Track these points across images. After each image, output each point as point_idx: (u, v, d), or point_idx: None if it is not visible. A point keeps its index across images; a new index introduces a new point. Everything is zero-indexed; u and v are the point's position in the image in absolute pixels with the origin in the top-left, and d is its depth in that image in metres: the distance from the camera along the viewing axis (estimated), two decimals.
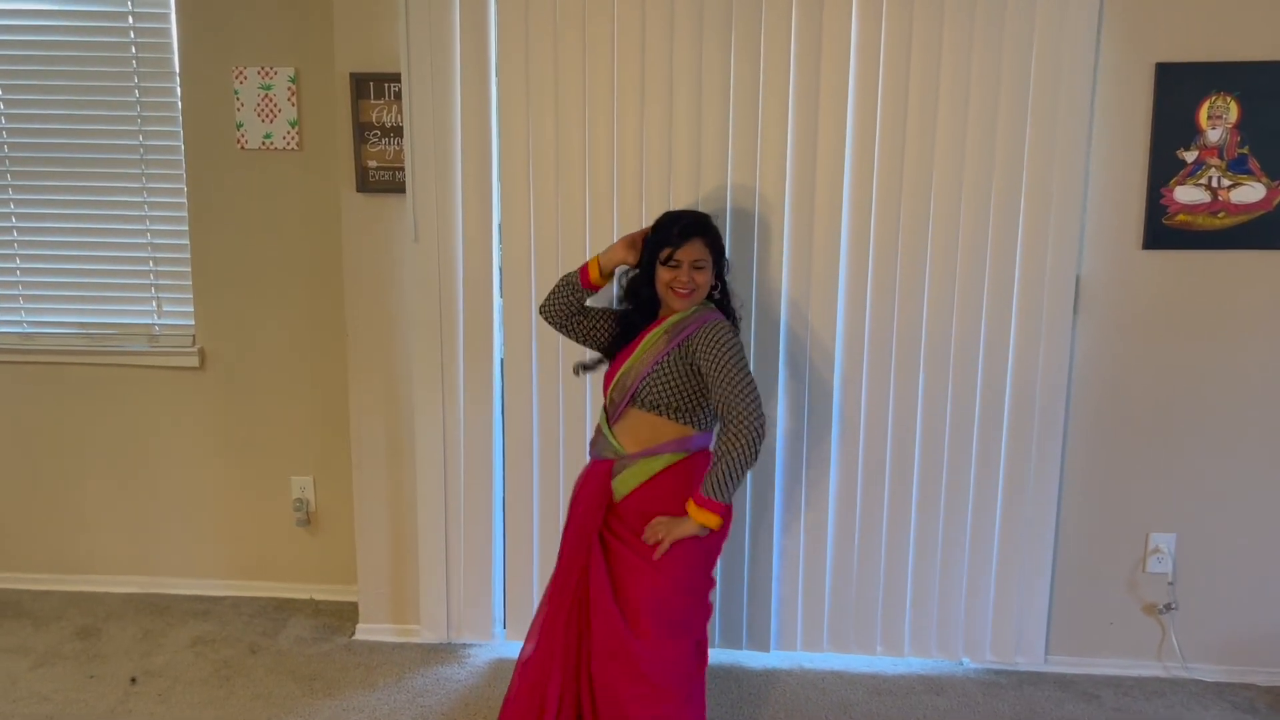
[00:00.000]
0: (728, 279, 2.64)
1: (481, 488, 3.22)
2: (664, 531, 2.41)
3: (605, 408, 2.59)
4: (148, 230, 3.52)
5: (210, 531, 3.68)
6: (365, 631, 3.38)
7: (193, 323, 3.54)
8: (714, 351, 2.40)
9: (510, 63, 2.97)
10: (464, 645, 3.31)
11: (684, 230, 2.51)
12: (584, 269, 2.66)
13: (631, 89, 2.94)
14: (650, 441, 2.50)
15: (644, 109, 2.95)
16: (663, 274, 2.52)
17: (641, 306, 2.59)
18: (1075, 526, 3.09)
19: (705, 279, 2.52)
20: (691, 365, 2.46)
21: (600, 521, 2.49)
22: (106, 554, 3.72)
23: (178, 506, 3.67)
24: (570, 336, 2.72)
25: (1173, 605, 3.08)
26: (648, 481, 2.48)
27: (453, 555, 3.26)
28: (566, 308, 2.68)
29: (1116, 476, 3.06)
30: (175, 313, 3.56)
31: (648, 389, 2.48)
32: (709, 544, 2.49)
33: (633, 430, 2.52)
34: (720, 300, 2.62)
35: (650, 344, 2.52)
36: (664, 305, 2.56)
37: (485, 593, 3.28)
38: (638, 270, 2.60)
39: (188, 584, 3.70)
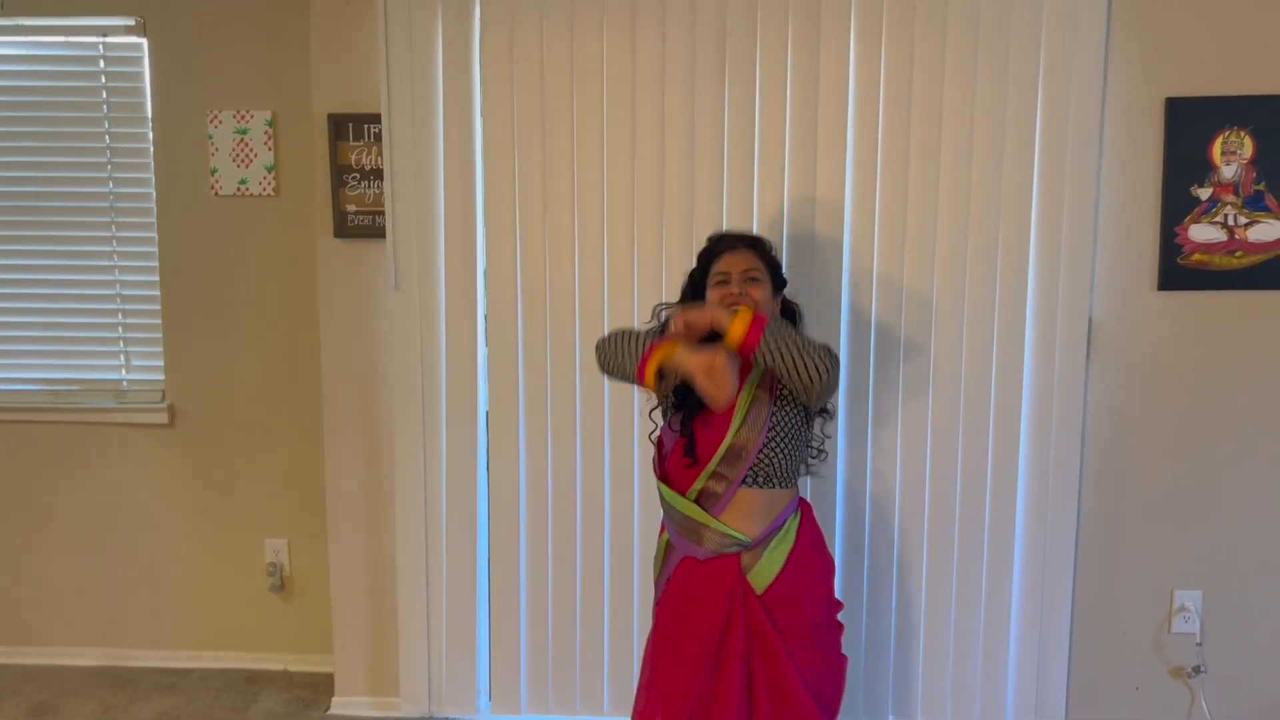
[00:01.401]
0: (796, 305, 2.44)
1: (465, 550, 3.04)
2: (694, 316, 2.13)
3: (693, 495, 2.23)
4: (116, 281, 3.38)
5: (179, 598, 3.48)
6: (341, 705, 3.18)
7: (162, 378, 3.39)
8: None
9: (495, 101, 2.86)
10: (446, 719, 3.11)
11: (729, 240, 2.29)
12: (643, 372, 2.20)
13: (622, 128, 2.83)
14: (770, 517, 2.23)
15: (635, 149, 2.83)
16: (713, 297, 2.24)
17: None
18: (1095, 583, 2.92)
19: (763, 295, 2.23)
20: (799, 414, 2.22)
21: (755, 622, 2.19)
22: (68, 624, 3.51)
23: (145, 572, 3.47)
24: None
25: (1201, 668, 2.90)
26: (786, 564, 2.23)
27: (434, 622, 3.08)
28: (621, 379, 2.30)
29: (1137, 529, 2.90)
30: (144, 367, 3.41)
31: (765, 461, 2.19)
32: (829, 573, 2.37)
33: (748, 512, 2.21)
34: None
35: (749, 404, 2.19)
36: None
37: (469, 663, 3.09)
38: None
39: (154, 655, 3.49)
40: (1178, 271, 2.78)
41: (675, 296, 2.81)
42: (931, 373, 2.84)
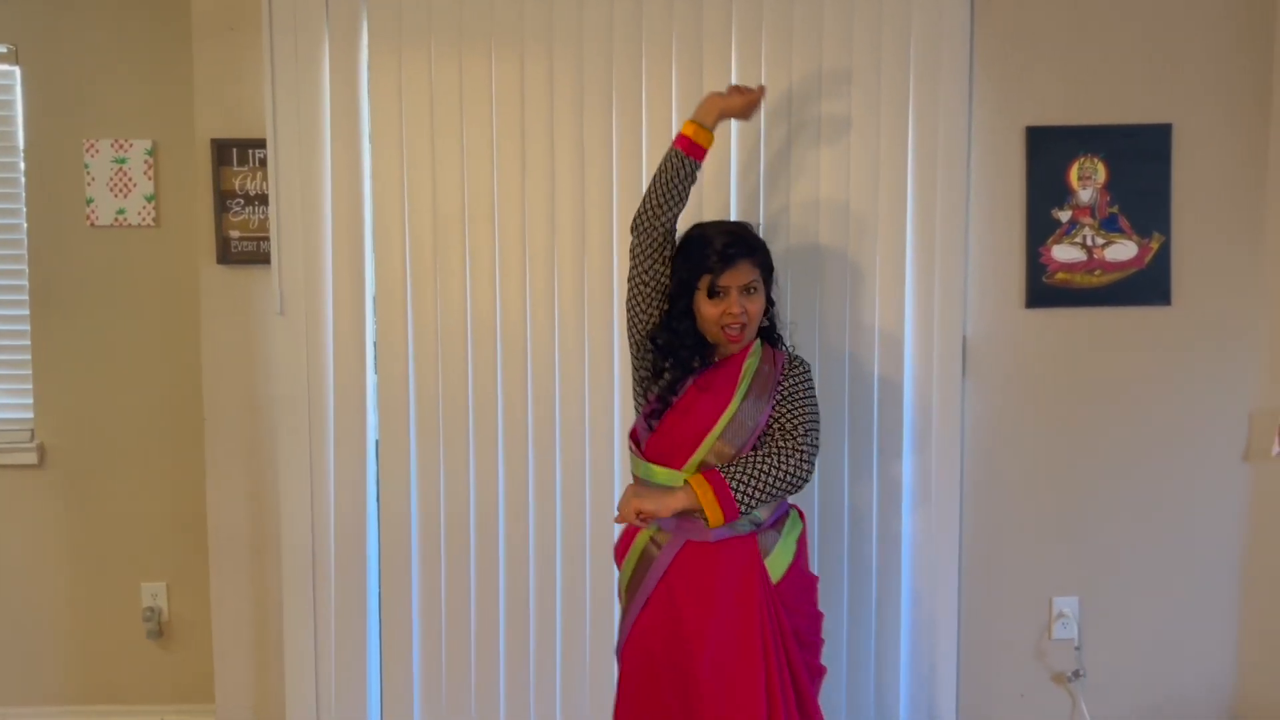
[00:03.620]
0: (775, 302, 2.34)
1: (354, 586, 2.97)
2: (652, 504, 2.03)
3: (690, 470, 2.14)
4: None
5: (47, 650, 3.30)
6: None
7: (31, 416, 3.25)
8: (799, 385, 2.20)
9: (384, 124, 2.86)
10: None
11: (727, 251, 2.12)
12: (682, 139, 2.19)
13: (512, 151, 2.86)
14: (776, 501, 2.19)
15: (525, 171, 2.86)
16: (706, 308, 2.15)
17: (679, 345, 2.18)
18: (979, 594, 3.01)
19: (759, 306, 2.18)
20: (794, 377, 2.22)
21: (777, 615, 2.12)
22: None
23: (11, 623, 3.29)
24: (650, 266, 2.21)
25: (1080, 672, 3.00)
26: (796, 552, 2.19)
27: (323, 664, 2.97)
28: (677, 196, 2.19)
29: (1016, 539, 3.00)
30: (11, 405, 3.26)
31: (773, 435, 2.14)
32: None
33: None
34: (769, 328, 2.31)
35: (753, 375, 2.16)
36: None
37: (360, 706, 2.99)
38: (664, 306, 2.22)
39: (20, 712, 3.29)
40: (1044, 290, 2.93)
41: (570, 318, 2.86)
42: (817, 394, 2.90)
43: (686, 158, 2.21)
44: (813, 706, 2.18)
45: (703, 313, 2.17)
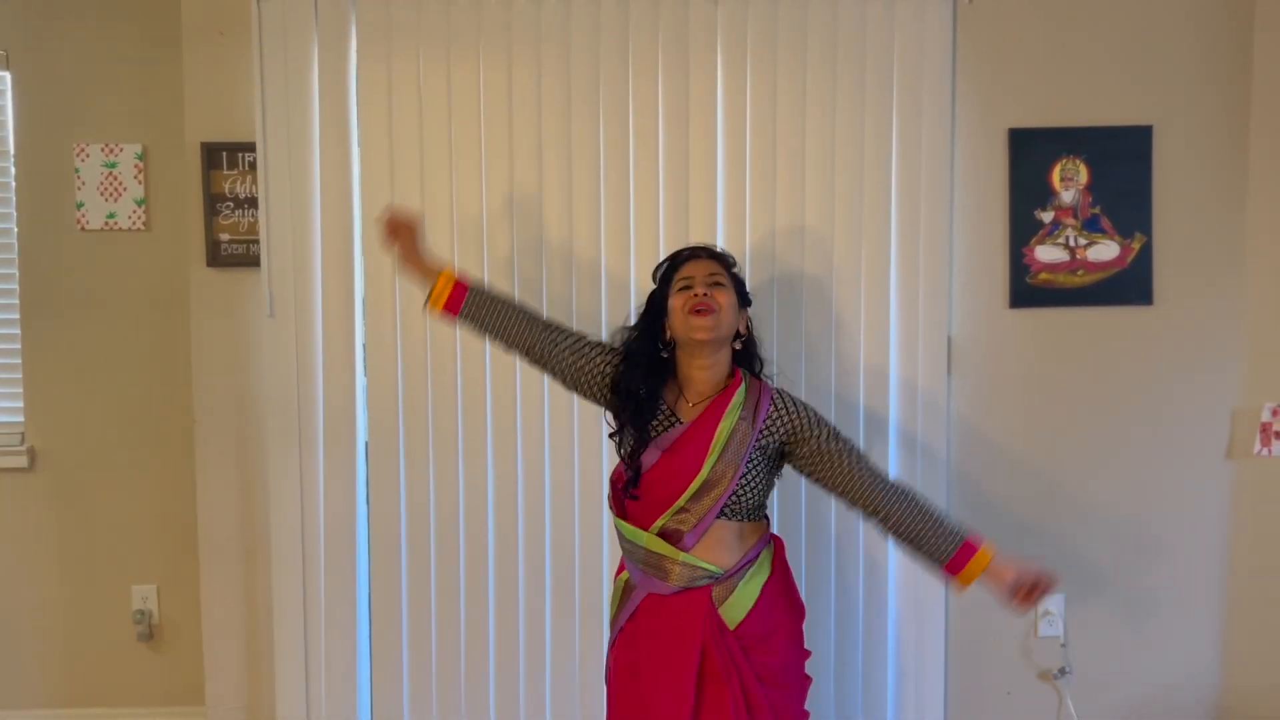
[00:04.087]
0: (754, 331, 2.35)
1: (344, 588, 2.97)
2: (1042, 583, 2.22)
3: (656, 530, 2.16)
4: None
5: (37, 653, 3.30)
6: None
7: (22, 419, 3.25)
8: (818, 427, 2.19)
9: (372, 128, 2.88)
10: None
11: (682, 252, 2.25)
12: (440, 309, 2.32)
13: (500, 157, 2.88)
14: (743, 549, 2.19)
15: (513, 178, 2.89)
16: (675, 304, 2.16)
17: (650, 372, 2.21)
18: (967, 593, 3.02)
19: (727, 299, 2.16)
20: (775, 451, 2.19)
21: (736, 665, 2.13)
22: None
23: (1, 626, 3.29)
24: (570, 365, 2.28)
25: (1067, 670, 3.02)
26: (760, 596, 2.18)
27: (313, 666, 2.98)
28: (501, 333, 2.29)
29: (1002, 538, 2.97)
30: (1, 408, 3.27)
31: (742, 496, 2.15)
32: (800, 615, 2.33)
33: (720, 543, 2.16)
34: (747, 349, 2.29)
35: (727, 438, 2.14)
36: (685, 357, 2.21)
37: (350, 707, 3.00)
38: (635, 336, 2.26)
39: (8, 716, 3.29)
40: (1027, 290, 2.96)
41: (557, 318, 2.88)
42: (802, 395, 2.93)
43: (452, 318, 2.33)
44: None
45: (672, 309, 2.20)
